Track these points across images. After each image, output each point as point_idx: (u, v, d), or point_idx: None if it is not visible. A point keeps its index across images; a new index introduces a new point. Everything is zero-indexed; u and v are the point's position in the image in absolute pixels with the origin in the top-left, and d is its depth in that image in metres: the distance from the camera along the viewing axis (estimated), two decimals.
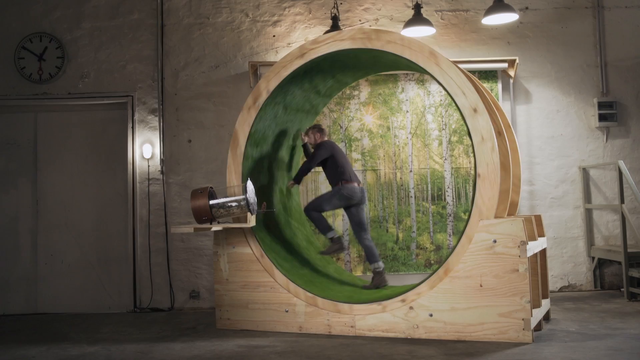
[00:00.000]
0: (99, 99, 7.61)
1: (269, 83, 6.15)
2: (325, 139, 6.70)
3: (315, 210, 6.46)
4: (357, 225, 6.52)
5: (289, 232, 6.82)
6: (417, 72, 6.83)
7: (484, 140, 5.28)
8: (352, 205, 6.51)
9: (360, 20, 7.71)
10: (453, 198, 7.46)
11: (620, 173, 6.91)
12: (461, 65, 6.26)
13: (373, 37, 5.74)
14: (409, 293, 5.44)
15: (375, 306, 5.55)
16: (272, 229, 6.55)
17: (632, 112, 7.72)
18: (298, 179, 6.61)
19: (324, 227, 6.48)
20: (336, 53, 5.95)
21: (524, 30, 7.75)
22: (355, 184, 6.49)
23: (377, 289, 6.29)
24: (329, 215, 7.34)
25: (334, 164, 6.48)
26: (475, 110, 5.33)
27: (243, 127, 6.24)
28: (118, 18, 7.67)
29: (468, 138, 6.45)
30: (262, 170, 6.66)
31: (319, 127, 6.75)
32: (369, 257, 6.49)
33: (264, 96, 6.16)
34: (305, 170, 6.54)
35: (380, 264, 6.44)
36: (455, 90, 5.42)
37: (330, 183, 6.55)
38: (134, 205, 7.44)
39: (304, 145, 6.92)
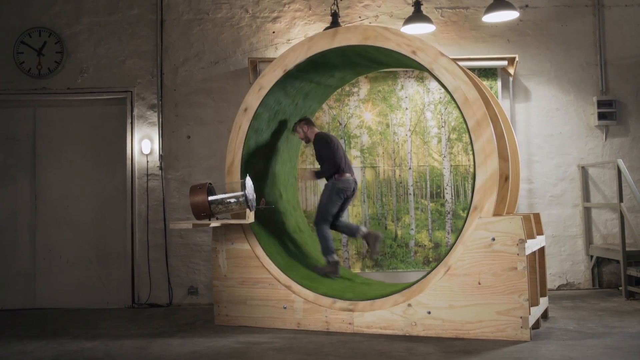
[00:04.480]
0: (98, 94, 7.60)
1: None
2: (316, 130, 6.55)
3: (324, 219, 6.30)
4: (335, 217, 6.41)
5: (287, 228, 6.81)
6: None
7: (483, 139, 5.28)
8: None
9: (360, 17, 7.69)
10: (452, 196, 7.46)
11: (619, 172, 6.91)
12: (461, 63, 6.23)
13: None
14: (407, 290, 5.43)
15: (374, 303, 5.55)
16: (270, 225, 6.54)
17: (631, 111, 7.72)
18: (319, 176, 6.40)
19: (327, 249, 6.32)
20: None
21: (524, 28, 7.75)
22: (349, 175, 6.38)
23: (326, 277, 6.29)
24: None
25: None
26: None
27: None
28: (117, 13, 7.66)
29: (467, 136, 6.43)
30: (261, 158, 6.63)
31: (306, 119, 6.55)
32: (324, 249, 6.33)
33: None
34: (330, 168, 6.28)
35: (335, 257, 6.34)
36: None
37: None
38: (132, 201, 7.44)
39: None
